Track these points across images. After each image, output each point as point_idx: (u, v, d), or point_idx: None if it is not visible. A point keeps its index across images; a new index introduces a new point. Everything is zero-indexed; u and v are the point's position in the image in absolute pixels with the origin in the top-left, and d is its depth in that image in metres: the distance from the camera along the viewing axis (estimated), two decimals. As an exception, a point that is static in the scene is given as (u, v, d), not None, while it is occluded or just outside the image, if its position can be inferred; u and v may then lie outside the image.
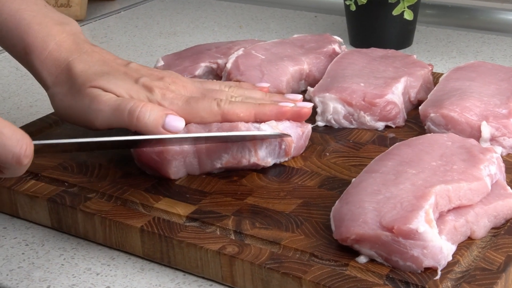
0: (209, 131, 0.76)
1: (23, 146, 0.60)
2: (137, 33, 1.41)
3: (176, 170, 0.77)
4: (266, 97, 0.81)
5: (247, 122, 0.77)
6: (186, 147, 0.77)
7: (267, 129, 0.77)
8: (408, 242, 0.62)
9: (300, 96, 0.82)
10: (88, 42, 0.82)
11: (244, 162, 0.77)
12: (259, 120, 0.77)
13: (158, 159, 0.77)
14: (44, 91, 1.12)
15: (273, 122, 0.77)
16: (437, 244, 0.62)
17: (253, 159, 0.77)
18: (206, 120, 0.77)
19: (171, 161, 0.77)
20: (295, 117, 0.79)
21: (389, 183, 0.68)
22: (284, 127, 0.78)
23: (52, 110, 0.97)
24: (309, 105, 0.80)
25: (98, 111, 0.76)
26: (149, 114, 0.74)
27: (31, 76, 1.18)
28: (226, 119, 0.77)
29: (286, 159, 0.80)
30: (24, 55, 0.80)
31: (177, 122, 0.75)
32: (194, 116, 0.77)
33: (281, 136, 0.77)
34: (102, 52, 0.81)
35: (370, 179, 0.69)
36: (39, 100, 1.11)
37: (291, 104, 0.78)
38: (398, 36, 1.20)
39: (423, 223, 0.62)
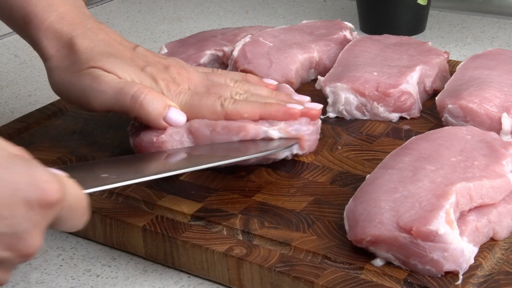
0: (213, 129, 0.73)
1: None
2: (140, 19, 1.37)
3: None
4: (272, 95, 0.77)
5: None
6: (187, 143, 0.73)
7: (276, 134, 0.73)
8: (428, 245, 0.58)
9: (308, 98, 0.78)
10: (93, 18, 0.79)
11: (253, 161, 0.74)
12: (264, 119, 0.73)
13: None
14: (44, 79, 1.09)
15: (282, 125, 0.73)
16: (459, 247, 0.59)
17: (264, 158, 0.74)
18: (209, 119, 0.73)
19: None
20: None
21: (406, 180, 0.64)
22: (294, 128, 0.74)
23: (51, 100, 0.94)
24: (318, 106, 0.75)
25: (99, 92, 0.72)
26: (153, 102, 0.71)
27: (31, 63, 1.15)
28: (229, 119, 0.73)
29: (301, 153, 0.76)
30: (23, 24, 0.76)
31: (179, 116, 0.72)
32: (196, 114, 0.73)
33: (291, 145, 0.73)
34: (108, 31, 0.78)
35: (386, 176, 0.65)
36: (38, 89, 1.07)
37: (299, 106, 0.74)
38: (410, 22, 1.16)
39: (444, 224, 0.58)
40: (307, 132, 0.74)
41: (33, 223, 0.48)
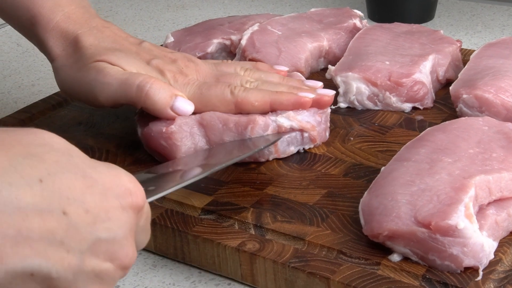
0: (225, 124, 0.71)
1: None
2: (143, 7, 1.35)
3: None
4: (284, 82, 0.75)
5: (262, 111, 0.72)
6: (197, 135, 0.71)
7: (284, 121, 0.71)
8: (447, 240, 0.57)
9: (320, 83, 0.76)
10: (99, 17, 0.78)
11: (262, 160, 0.72)
12: (275, 109, 0.72)
13: (167, 145, 0.71)
14: (47, 68, 1.07)
15: (291, 113, 0.71)
16: (478, 241, 0.57)
17: (273, 156, 0.73)
18: (219, 109, 0.72)
19: (180, 147, 0.71)
20: (315, 106, 0.73)
21: (423, 173, 0.62)
22: (302, 117, 0.72)
23: (56, 90, 0.92)
24: (331, 92, 0.74)
25: (104, 84, 0.71)
26: (159, 92, 0.70)
27: (34, 52, 1.13)
28: (239, 108, 0.72)
29: (312, 145, 0.74)
30: (29, 26, 0.76)
31: (186, 106, 0.71)
32: (206, 104, 0.72)
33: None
34: (114, 29, 0.77)
35: (402, 169, 0.64)
36: (41, 79, 1.06)
37: (310, 95, 0.72)
38: (419, 10, 1.14)
39: (463, 218, 0.57)
40: (315, 122, 0.73)
41: (128, 227, 0.45)
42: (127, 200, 0.45)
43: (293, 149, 0.73)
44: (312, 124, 0.73)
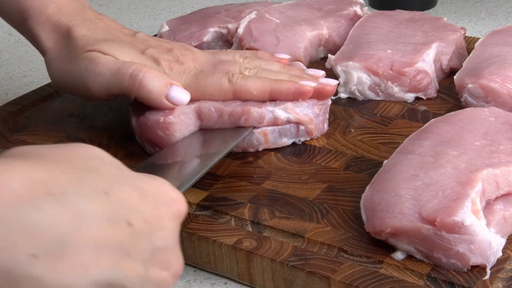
0: (220, 115, 0.69)
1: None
2: (139, -5, 1.32)
3: None
4: (285, 70, 0.73)
5: (261, 100, 0.69)
6: (193, 125, 0.69)
7: (282, 114, 0.69)
8: (453, 237, 0.54)
9: (322, 72, 0.73)
10: (93, 9, 0.76)
11: (251, 150, 0.70)
12: (274, 98, 0.69)
13: (164, 135, 0.69)
14: (39, 59, 1.04)
15: (289, 105, 0.69)
16: (486, 238, 0.54)
17: (263, 146, 0.70)
18: (216, 97, 0.69)
19: (177, 138, 0.69)
20: (316, 96, 0.70)
21: (427, 166, 0.59)
22: (300, 109, 0.69)
23: (48, 81, 0.89)
24: (333, 82, 0.71)
25: (96, 74, 0.69)
26: (153, 80, 0.67)
27: (26, 42, 1.09)
28: (237, 97, 0.69)
29: (309, 138, 0.71)
30: (21, 20, 0.74)
31: (182, 95, 0.68)
32: (203, 92, 0.69)
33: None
34: (108, 21, 0.75)
35: (405, 162, 0.61)
36: (33, 69, 1.03)
37: (312, 83, 0.70)
38: (421, -4, 1.11)
39: (470, 214, 0.54)
40: (313, 114, 0.70)
41: (176, 235, 0.45)
42: (173, 209, 0.45)
43: (286, 141, 0.71)
44: (310, 117, 0.70)
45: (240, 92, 0.69)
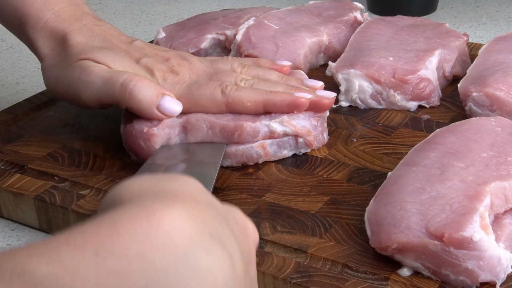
0: (211, 128, 0.67)
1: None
2: (134, 0, 1.30)
3: None
4: (282, 81, 0.71)
5: (255, 112, 0.67)
6: (176, 139, 0.68)
7: (278, 127, 0.67)
8: (461, 253, 0.52)
9: (321, 83, 0.71)
10: (93, 14, 0.74)
11: (251, 163, 0.68)
12: (268, 110, 0.67)
13: (144, 147, 0.67)
14: (33, 65, 1.02)
15: (285, 118, 0.67)
16: (495, 254, 0.53)
17: (263, 159, 0.68)
18: (209, 109, 0.67)
19: (158, 152, 0.67)
20: (313, 109, 0.68)
21: (434, 179, 0.58)
22: (297, 122, 0.68)
23: (42, 88, 0.88)
24: (331, 95, 0.69)
25: (87, 83, 0.67)
26: (144, 90, 0.65)
27: (19, 48, 1.08)
28: (231, 109, 0.67)
29: (309, 150, 0.69)
30: (19, 25, 0.72)
31: (173, 105, 0.66)
32: (196, 104, 0.67)
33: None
34: (106, 27, 0.73)
35: (411, 174, 0.59)
36: (26, 76, 1.01)
37: (308, 95, 0.68)
38: (421, 1, 1.10)
39: (479, 230, 0.52)
40: (311, 126, 0.68)
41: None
42: (254, 240, 0.43)
43: (286, 153, 0.69)
44: (307, 128, 0.68)
45: (233, 104, 0.67)
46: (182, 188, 0.38)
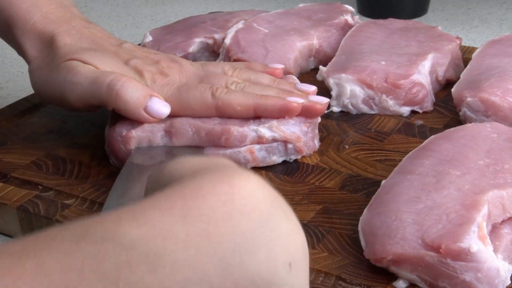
0: (196, 132, 0.65)
1: None
2: (120, 2, 1.28)
3: None
4: (274, 84, 0.69)
5: (245, 116, 0.66)
6: (159, 143, 0.66)
7: (266, 132, 0.65)
8: (458, 264, 0.51)
9: (313, 88, 0.70)
10: (82, 17, 0.72)
11: None
12: (259, 114, 0.66)
13: (124, 150, 0.66)
14: (17, 69, 1.00)
15: (274, 123, 0.65)
16: (493, 266, 0.51)
17: (250, 164, 0.67)
18: (198, 113, 0.66)
19: (136, 153, 0.66)
20: (304, 114, 0.67)
21: (429, 187, 0.56)
22: (286, 127, 0.66)
23: (26, 94, 0.86)
24: (324, 100, 0.67)
25: (73, 84, 0.66)
26: (132, 91, 0.64)
27: (2, 52, 1.06)
28: (220, 112, 0.66)
29: (299, 156, 0.68)
30: (6, 28, 0.71)
31: (161, 107, 0.65)
32: (185, 106, 0.66)
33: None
34: (95, 30, 0.71)
35: (405, 183, 0.57)
36: (10, 81, 0.98)
37: (300, 100, 0.66)
38: (412, 3, 1.08)
39: (476, 241, 0.51)
40: (301, 132, 0.67)
41: None
42: None
43: (275, 159, 0.67)
44: (297, 135, 0.66)
45: (222, 107, 0.65)
46: (228, 163, 0.40)
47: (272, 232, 0.36)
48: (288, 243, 0.36)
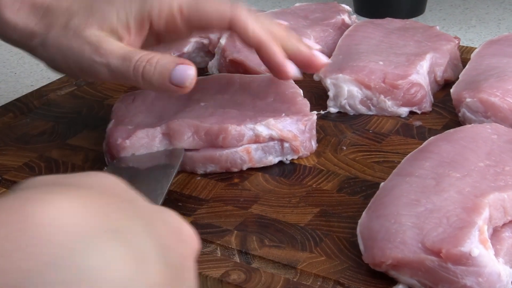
0: (196, 132, 0.65)
1: None
2: (115, 1, 1.26)
3: None
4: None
5: (257, 48, 0.66)
6: (155, 147, 0.65)
7: (263, 130, 0.64)
8: (459, 269, 0.50)
9: (318, 46, 0.70)
10: None
11: (235, 170, 0.65)
12: (267, 53, 0.66)
13: (116, 154, 0.65)
14: (9, 70, 0.99)
15: (271, 121, 0.64)
16: (495, 270, 0.50)
17: (247, 165, 0.66)
18: (212, 23, 0.64)
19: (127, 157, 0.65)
20: (304, 66, 0.67)
21: (429, 190, 0.55)
22: (283, 125, 0.65)
23: (18, 95, 0.85)
24: (326, 59, 0.69)
25: (101, 65, 0.62)
26: (154, 68, 0.61)
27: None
28: (233, 26, 0.64)
29: (296, 156, 0.67)
30: None
31: (184, 72, 0.61)
32: (200, 16, 0.64)
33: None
34: None
35: (405, 185, 0.56)
36: (3, 82, 0.97)
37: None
38: (409, 3, 1.07)
39: (477, 244, 0.50)
40: (298, 131, 0.66)
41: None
42: (192, 246, 0.37)
43: (272, 159, 0.66)
44: (294, 133, 0.65)
45: (237, 23, 0.64)
46: (98, 182, 0.35)
47: (70, 270, 0.29)
48: (94, 281, 0.30)
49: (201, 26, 0.65)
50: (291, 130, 0.65)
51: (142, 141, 0.65)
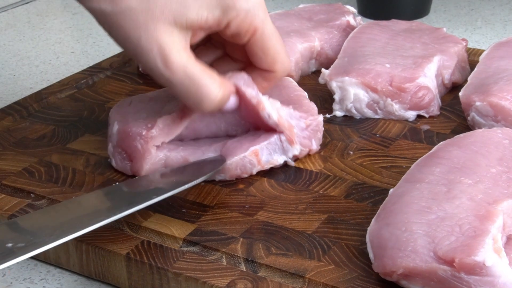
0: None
1: None
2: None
3: (151, 168, 0.64)
4: None
5: None
6: (174, 150, 0.65)
7: (267, 106, 0.64)
8: (473, 279, 0.48)
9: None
10: None
11: (245, 175, 0.64)
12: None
13: (141, 149, 0.63)
14: (8, 72, 0.97)
15: (278, 103, 0.64)
16: (509, 280, 0.49)
17: (257, 169, 0.64)
18: (260, 62, 0.62)
19: (153, 156, 0.63)
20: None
21: (440, 197, 0.54)
22: (285, 113, 0.65)
23: (17, 98, 0.84)
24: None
25: (163, 77, 0.59)
26: (212, 99, 0.60)
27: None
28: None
29: (296, 152, 0.65)
30: None
31: (235, 102, 0.62)
32: (264, 50, 0.62)
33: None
34: None
35: (415, 192, 0.55)
36: (1, 84, 0.95)
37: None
38: (413, 4, 1.06)
39: (491, 253, 0.48)
40: (298, 127, 0.65)
41: None
42: None
43: (277, 158, 0.65)
44: (290, 123, 0.64)
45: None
46: None
47: None
48: None
49: (252, 54, 0.62)
50: (288, 120, 0.64)
51: (165, 130, 0.64)
